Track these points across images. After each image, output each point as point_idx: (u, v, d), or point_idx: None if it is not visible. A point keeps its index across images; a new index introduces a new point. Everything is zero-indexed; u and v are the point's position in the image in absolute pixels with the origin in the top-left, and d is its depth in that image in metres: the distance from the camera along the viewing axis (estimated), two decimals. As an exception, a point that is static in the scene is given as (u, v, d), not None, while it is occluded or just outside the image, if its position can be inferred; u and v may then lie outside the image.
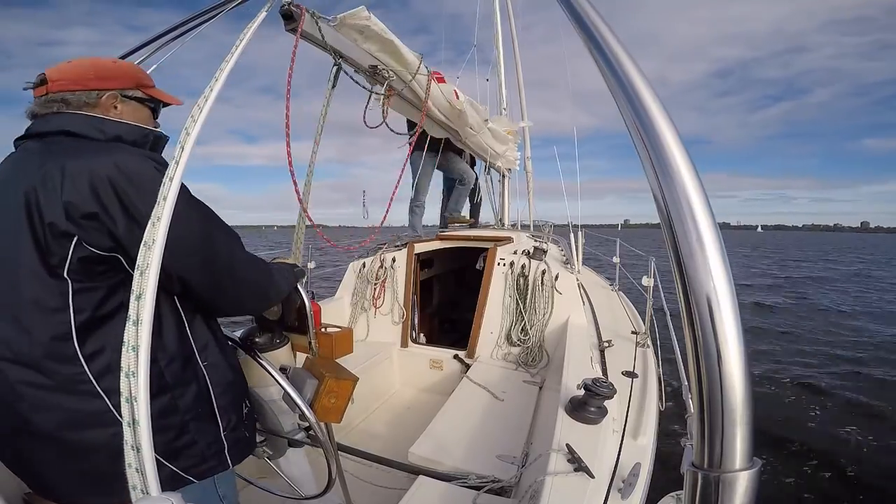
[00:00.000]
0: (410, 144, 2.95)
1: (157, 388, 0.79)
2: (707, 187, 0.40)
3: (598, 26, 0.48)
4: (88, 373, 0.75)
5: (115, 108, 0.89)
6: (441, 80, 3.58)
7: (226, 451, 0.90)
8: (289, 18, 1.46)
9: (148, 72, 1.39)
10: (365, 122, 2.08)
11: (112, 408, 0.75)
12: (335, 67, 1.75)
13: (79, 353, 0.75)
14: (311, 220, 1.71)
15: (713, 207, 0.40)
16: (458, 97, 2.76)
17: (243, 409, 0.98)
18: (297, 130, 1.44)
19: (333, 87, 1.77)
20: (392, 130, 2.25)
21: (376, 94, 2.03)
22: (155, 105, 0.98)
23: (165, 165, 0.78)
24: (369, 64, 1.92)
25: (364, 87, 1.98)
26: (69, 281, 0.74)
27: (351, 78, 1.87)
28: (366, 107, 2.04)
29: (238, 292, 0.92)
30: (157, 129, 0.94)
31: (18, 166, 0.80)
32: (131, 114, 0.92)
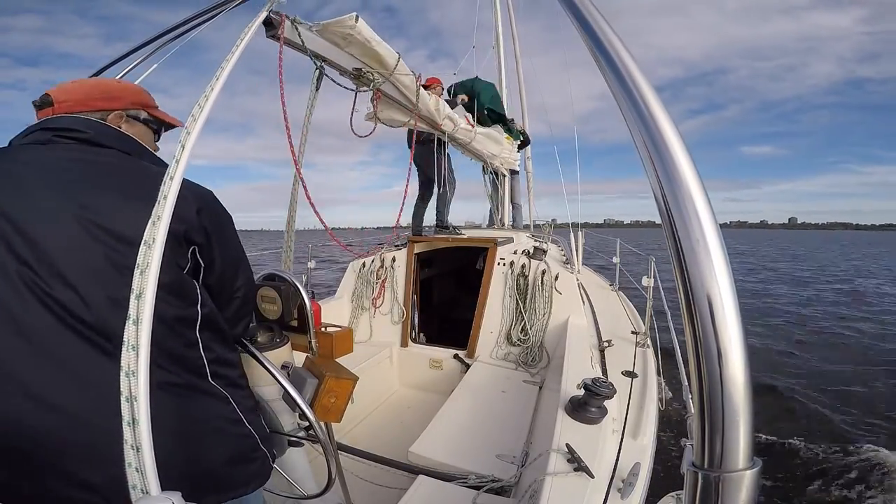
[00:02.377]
0: (411, 148, 3.05)
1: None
2: (630, 190, 0.40)
3: (601, 26, 0.48)
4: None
5: (120, 127, 0.89)
6: (435, 81, 3.65)
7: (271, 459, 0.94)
8: (269, 25, 1.46)
9: (147, 71, 1.40)
10: (352, 128, 2.06)
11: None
12: (317, 71, 1.76)
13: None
14: (325, 225, 1.80)
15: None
16: (440, 109, 2.77)
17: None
18: (249, 126, 1.47)
19: (317, 90, 1.79)
20: (384, 123, 2.28)
21: (361, 91, 2.02)
22: (158, 126, 0.99)
23: (164, 166, 0.81)
24: (353, 67, 1.92)
25: (347, 88, 1.97)
26: None
27: (333, 81, 1.87)
28: (352, 109, 2.02)
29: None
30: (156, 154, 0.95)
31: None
32: (138, 134, 0.92)
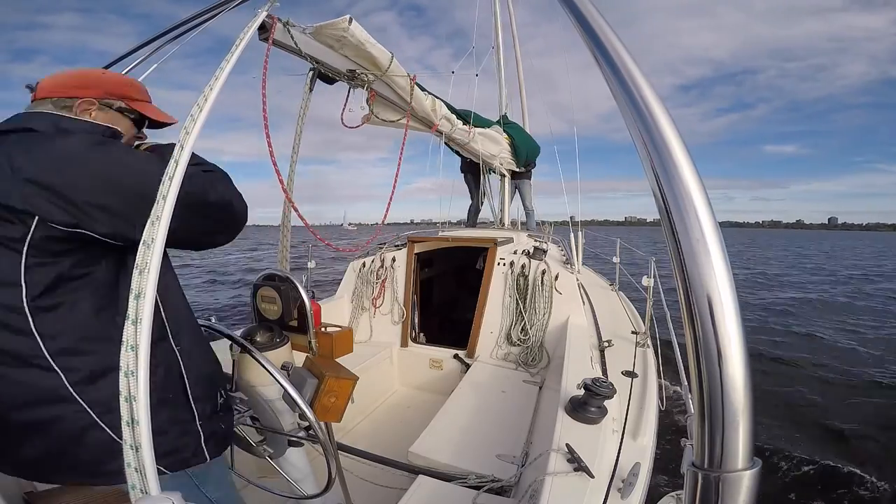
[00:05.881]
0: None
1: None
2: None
3: (601, 26, 0.48)
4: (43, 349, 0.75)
5: (90, 114, 0.91)
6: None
7: (202, 443, 0.89)
8: (261, 28, 1.47)
9: (148, 71, 1.40)
10: (343, 121, 2.08)
11: (69, 385, 0.76)
12: (311, 72, 1.76)
13: (33, 328, 0.75)
14: (307, 225, 1.73)
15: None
16: (437, 110, 2.77)
17: (218, 399, 0.97)
18: (275, 124, 1.46)
19: (311, 90, 1.79)
20: (383, 120, 2.29)
21: (355, 87, 2.03)
22: (138, 118, 0.99)
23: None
24: (347, 68, 1.93)
25: (346, 81, 1.97)
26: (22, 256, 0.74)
27: (330, 79, 1.87)
28: (344, 104, 2.03)
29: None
30: (113, 127, 0.93)
31: None
32: (109, 121, 0.93)
